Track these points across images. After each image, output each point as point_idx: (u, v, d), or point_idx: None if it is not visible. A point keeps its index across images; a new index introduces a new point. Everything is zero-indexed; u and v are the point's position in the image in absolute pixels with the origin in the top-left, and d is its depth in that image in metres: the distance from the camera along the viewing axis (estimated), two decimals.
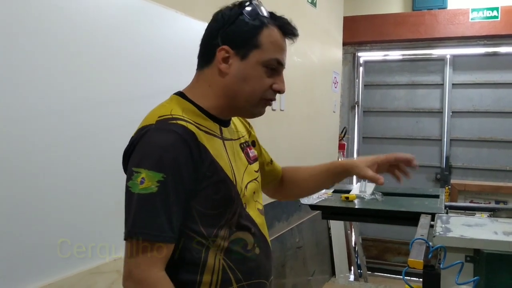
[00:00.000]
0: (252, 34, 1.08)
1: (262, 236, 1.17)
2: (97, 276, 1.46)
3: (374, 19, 4.90)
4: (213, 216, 1.05)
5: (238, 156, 1.17)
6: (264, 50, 1.08)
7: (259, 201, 1.22)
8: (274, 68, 1.10)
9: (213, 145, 1.07)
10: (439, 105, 4.96)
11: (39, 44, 1.34)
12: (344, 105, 5.19)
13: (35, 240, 1.29)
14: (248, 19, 1.08)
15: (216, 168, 1.05)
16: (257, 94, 1.10)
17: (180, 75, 1.94)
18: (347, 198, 2.81)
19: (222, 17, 1.10)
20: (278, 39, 1.10)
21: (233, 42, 1.08)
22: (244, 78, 1.08)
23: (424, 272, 1.38)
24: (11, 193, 1.24)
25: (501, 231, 1.49)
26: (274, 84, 1.11)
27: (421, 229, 1.72)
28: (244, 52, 1.08)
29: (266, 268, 1.17)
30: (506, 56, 4.69)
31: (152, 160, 0.97)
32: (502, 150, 4.72)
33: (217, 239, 1.06)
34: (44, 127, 1.34)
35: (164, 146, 0.98)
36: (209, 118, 1.11)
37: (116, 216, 1.58)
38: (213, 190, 1.04)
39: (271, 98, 1.13)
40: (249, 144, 1.26)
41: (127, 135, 1.66)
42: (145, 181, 0.96)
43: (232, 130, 1.20)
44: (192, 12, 2.11)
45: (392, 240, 5.09)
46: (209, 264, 1.05)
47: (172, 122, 1.02)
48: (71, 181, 1.42)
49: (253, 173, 1.21)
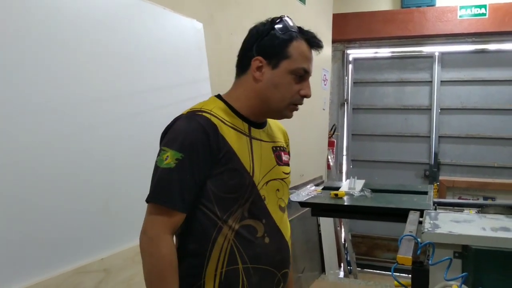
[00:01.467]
0: (282, 46, 1.24)
1: (276, 229, 1.29)
2: (83, 276, 1.44)
3: (363, 17, 4.91)
4: (227, 200, 1.21)
5: (266, 155, 1.31)
6: (293, 60, 1.24)
7: (283, 199, 1.34)
8: (301, 76, 1.26)
9: (235, 139, 1.23)
10: (427, 102, 4.99)
11: (28, 42, 1.32)
12: (334, 103, 5.20)
13: (20, 239, 1.27)
14: (279, 34, 1.24)
15: (233, 157, 1.20)
16: (287, 99, 1.26)
17: (166, 72, 1.93)
18: (337, 195, 2.82)
19: (256, 32, 1.27)
20: (305, 50, 1.26)
21: (266, 53, 1.25)
22: (276, 84, 1.25)
23: (413, 268, 1.38)
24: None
25: (489, 227, 1.50)
26: (301, 90, 1.27)
27: (410, 226, 1.72)
28: (276, 62, 1.24)
29: (275, 259, 1.27)
30: (494, 53, 4.73)
31: (175, 142, 1.17)
32: (490, 147, 4.77)
33: (228, 220, 1.20)
34: (32, 125, 1.32)
35: (186, 131, 1.17)
36: (239, 117, 1.27)
37: (103, 215, 1.57)
38: (228, 176, 1.20)
39: (298, 103, 1.29)
40: (284, 149, 1.40)
41: (115, 132, 1.65)
42: (168, 158, 1.15)
43: (266, 134, 1.35)
44: (181, 9, 2.09)
45: (382, 237, 5.12)
46: (219, 241, 1.20)
47: (198, 113, 1.20)
48: (58, 179, 1.40)
49: (281, 173, 1.35)
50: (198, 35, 2.18)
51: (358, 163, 5.31)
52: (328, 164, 4.85)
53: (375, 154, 5.21)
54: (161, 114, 1.79)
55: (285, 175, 1.36)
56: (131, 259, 1.61)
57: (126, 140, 1.67)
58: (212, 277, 1.20)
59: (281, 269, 1.30)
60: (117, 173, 1.63)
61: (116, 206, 1.60)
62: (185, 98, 1.97)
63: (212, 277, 1.20)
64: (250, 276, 1.22)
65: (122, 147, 1.65)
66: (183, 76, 2.03)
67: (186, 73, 2.06)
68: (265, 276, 1.25)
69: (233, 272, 1.21)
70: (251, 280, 1.22)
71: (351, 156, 5.35)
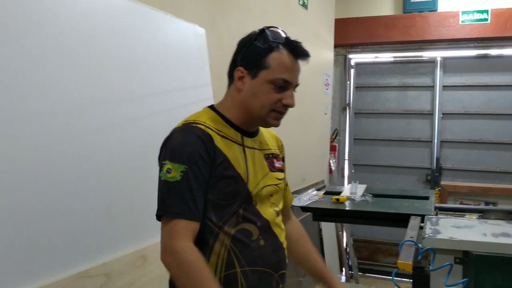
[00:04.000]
0: (261, 56, 1.26)
1: (270, 232, 1.32)
2: (85, 280, 1.44)
3: (365, 21, 4.92)
4: (223, 207, 1.24)
5: (259, 163, 1.34)
6: (271, 71, 1.25)
7: (276, 204, 1.38)
8: (281, 86, 1.26)
9: (229, 148, 1.26)
10: (429, 107, 4.99)
11: (25, 45, 1.33)
12: (336, 107, 5.20)
13: (21, 243, 1.27)
14: (259, 44, 1.27)
15: (228, 166, 1.24)
16: (266, 106, 1.27)
17: (168, 76, 1.94)
18: (338, 199, 2.82)
19: (241, 43, 1.31)
20: (286, 61, 1.27)
21: (246, 63, 1.28)
22: (255, 93, 1.27)
23: (414, 274, 1.38)
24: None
25: (490, 233, 1.50)
26: (283, 99, 1.27)
27: (410, 231, 1.72)
28: (255, 72, 1.26)
29: (272, 261, 1.30)
30: (496, 58, 4.73)
31: (175, 155, 1.20)
32: (492, 152, 4.76)
33: (224, 226, 1.23)
34: (33, 128, 1.33)
35: (184, 143, 1.21)
36: (232, 127, 1.31)
37: (105, 219, 1.57)
38: (224, 184, 1.23)
39: (280, 110, 1.29)
40: (276, 156, 1.43)
41: (117, 136, 1.66)
42: (171, 171, 1.18)
43: (259, 142, 1.38)
44: (183, 14, 2.10)
45: (383, 241, 5.11)
46: (216, 247, 1.23)
47: (193, 125, 1.24)
48: (59, 183, 1.40)
49: (275, 179, 1.37)
50: (200, 40, 2.19)
51: (360, 167, 5.31)
52: (330, 169, 4.85)
53: (377, 159, 5.21)
54: (163, 118, 1.79)
55: (279, 181, 1.39)
56: (132, 264, 1.62)
57: (128, 145, 1.68)
58: None
59: (278, 270, 1.32)
60: (119, 177, 1.63)
61: (118, 210, 1.61)
62: (187, 103, 1.98)
63: None
64: (248, 278, 1.25)
65: (124, 151, 1.65)
66: (185, 81, 2.04)
67: (188, 78, 2.07)
68: (263, 278, 1.28)
69: (232, 276, 1.23)
70: (249, 283, 1.25)
71: (353, 160, 5.34)
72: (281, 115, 1.31)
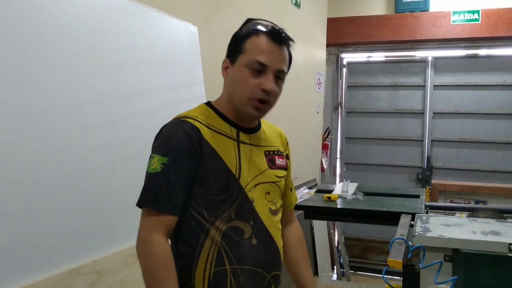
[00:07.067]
0: (239, 42, 1.26)
1: (265, 231, 1.29)
2: (76, 277, 1.44)
3: (358, 21, 4.93)
4: (214, 202, 1.23)
5: (256, 159, 1.32)
6: (247, 54, 1.24)
7: (273, 202, 1.35)
8: (259, 70, 1.23)
9: (220, 142, 1.25)
10: (420, 106, 5.03)
11: (19, 44, 1.32)
12: (328, 106, 5.22)
13: (12, 240, 1.27)
14: (241, 33, 1.28)
15: (217, 160, 1.23)
16: (245, 94, 1.24)
17: (160, 74, 1.94)
18: (329, 198, 2.84)
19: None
20: (263, 43, 1.24)
21: (229, 53, 1.30)
22: (234, 80, 1.27)
23: (404, 272, 1.39)
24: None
25: (479, 231, 1.51)
26: (261, 84, 1.23)
27: (401, 229, 1.74)
28: (234, 58, 1.27)
29: (264, 261, 1.28)
30: (486, 58, 4.77)
31: (161, 147, 1.22)
32: (482, 151, 4.80)
33: (216, 222, 1.22)
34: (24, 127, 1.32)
35: (170, 136, 1.22)
36: (227, 122, 1.30)
37: (96, 216, 1.57)
38: (213, 179, 1.23)
39: (259, 97, 1.25)
40: (279, 153, 1.42)
41: (108, 134, 1.65)
42: (155, 163, 1.19)
43: (259, 138, 1.37)
44: (176, 12, 2.10)
45: (375, 239, 5.14)
46: (207, 243, 1.22)
47: (182, 119, 1.25)
48: (50, 181, 1.39)
49: (273, 177, 1.35)
50: (193, 38, 2.19)
51: (352, 166, 5.33)
52: (322, 167, 4.87)
53: (368, 157, 5.24)
54: (155, 116, 1.79)
55: (278, 179, 1.37)
56: (123, 261, 1.61)
57: (120, 142, 1.67)
58: (201, 278, 1.22)
59: (270, 271, 1.29)
60: (111, 175, 1.63)
61: (109, 208, 1.60)
62: (179, 101, 1.97)
63: (201, 278, 1.22)
64: (237, 277, 1.23)
65: (115, 149, 1.65)
66: (177, 79, 2.04)
67: (180, 76, 2.06)
68: (254, 277, 1.25)
69: (221, 273, 1.22)
70: (239, 281, 1.23)
71: (345, 159, 5.36)
72: (261, 104, 1.26)
